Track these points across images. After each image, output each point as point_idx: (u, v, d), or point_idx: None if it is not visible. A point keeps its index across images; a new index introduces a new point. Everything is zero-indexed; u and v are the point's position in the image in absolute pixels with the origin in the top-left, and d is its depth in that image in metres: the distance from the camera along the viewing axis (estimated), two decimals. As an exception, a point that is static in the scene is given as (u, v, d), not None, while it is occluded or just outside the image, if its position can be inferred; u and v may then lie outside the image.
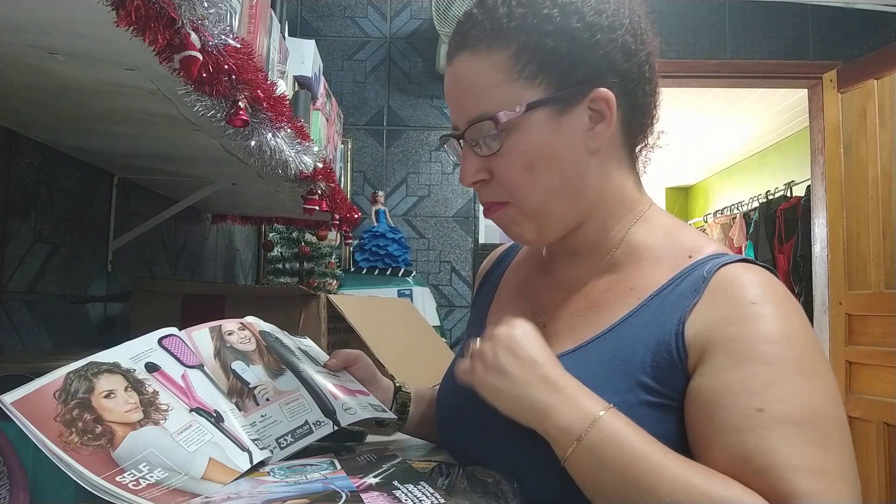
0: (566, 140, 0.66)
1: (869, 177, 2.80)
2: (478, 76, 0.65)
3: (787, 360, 0.57)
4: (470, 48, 0.66)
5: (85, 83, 0.81)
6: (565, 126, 0.65)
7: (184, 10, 0.60)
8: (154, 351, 0.69)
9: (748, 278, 0.62)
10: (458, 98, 0.68)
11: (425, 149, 3.07)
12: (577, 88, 0.65)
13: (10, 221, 1.07)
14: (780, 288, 0.62)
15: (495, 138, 0.65)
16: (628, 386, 0.61)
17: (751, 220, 4.60)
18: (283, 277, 2.43)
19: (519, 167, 0.66)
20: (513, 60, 0.64)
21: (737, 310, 0.60)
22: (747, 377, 0.56)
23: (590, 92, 0.65)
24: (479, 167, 0.68)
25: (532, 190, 0.67)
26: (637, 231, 0.71)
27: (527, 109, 0.64)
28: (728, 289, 0.61)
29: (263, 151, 0.91)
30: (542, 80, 0.64)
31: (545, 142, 0.65)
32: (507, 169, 0.66)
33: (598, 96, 0.65)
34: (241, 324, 0.84)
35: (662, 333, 0.61)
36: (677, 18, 3.10)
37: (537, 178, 0.66)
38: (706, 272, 0.63)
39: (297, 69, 1.39)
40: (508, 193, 0.68)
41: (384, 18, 3.12)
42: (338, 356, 0.88)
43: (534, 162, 0.66)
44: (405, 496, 0.56)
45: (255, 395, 0.74)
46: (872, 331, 2.77)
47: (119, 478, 0.53)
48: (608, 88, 0.65)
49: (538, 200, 0.67)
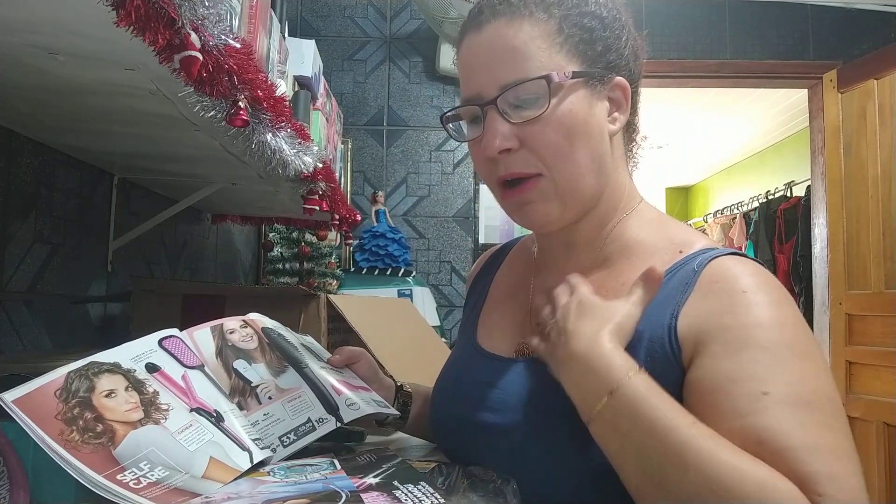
0: (597, 119, 0.68)
1: (869, 177, 2.80)
2: (519, 41, 0.65)
3: (783, 345, 0.57)
4: (509, 15, 0.66)
5: (85, 83, 0.81)
6: (597, 105, 0.68)
7: (184, 10, 0.60)
8: (154, 352, 0.69)
9: (738, 269, 0.62)
10: (491, 63, 0.66)
11: (425, 149, 3.07)
12: (606, 71, 0.68)
13: (10, 221, 1.08)
14: (770, 277, 0.63)
15: (537, 102, 0.64)
16: None
17: (751, 221, 4.60)
18: (283, 277, 2.43)
19: (559, 134, 0.65)
20: (557, 31, 0.66)
21: (729, 299, 0.60)
22: (747, 363, 0.56)
23: (613, 79, 0.69)
24: (508, 133, 0.65)
25: (569, 159, 0.66)
26: (628, 224, 0.72)
27: (573, 77, 0.66)
28: (719, 280, 0.62)
29: (263, 151, 0.91)
30: (581, 55, 0.67)
31: (584, 114, 0.66)
32: (547, 134, 0.65)
33: (619, 84, 0.69)
34: (244, 321, 0.84)
35: (655, 328, 0.62)
36: (677, 18, 3.10)
37: (574, 148, 0.66)
38: (697, 266, 0.64)
39: (297, 69, 1.39)
40: (543, 162, 0.66)
41: (384, 18, 3.12)
42: (341, 353, 0.88)
43: (573, 130, 0.66)
44: (405, 496, 0.56)
45: (258, 394, 0.74)
46: (872, 331, 2.76)
47: (120, 476, 0.53)
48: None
49: (572, 171, 0.67)
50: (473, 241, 3.04)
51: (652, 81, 3.04)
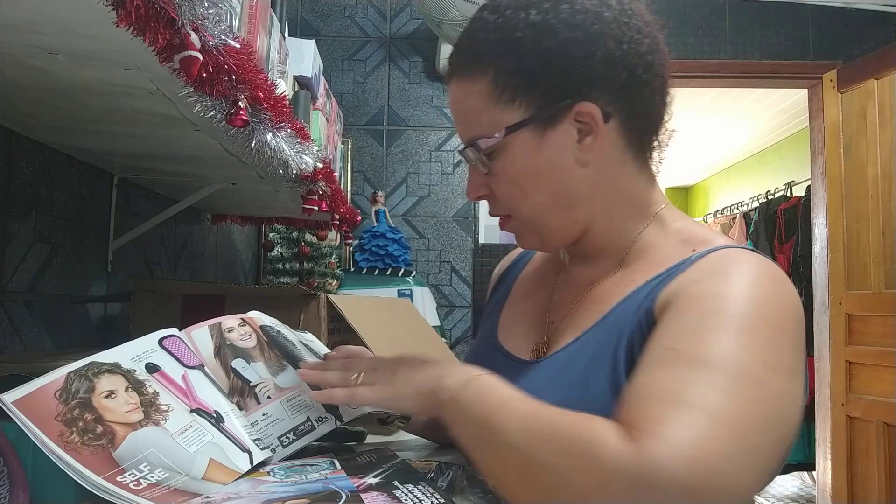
0: (552, 156, 0.67)
1: (869, 177, 2.80)
2: (465, 102, 0.70)
3: (725, 315, 0.55)
4: (458, 75, 0.70)
5: (85, 83, 0.81)
6: (551, 143, 0.67)
7: (184, 10, 0.60)
8: (154, 352, 0.69)
9: (739, 256, 0.61)
10: (456, 121, 0.73)
11: (425, 149, 3.07)
12: (557, 107, 0.66)
13: (10, 221, 1.07)
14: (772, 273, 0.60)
15: (483, 161, 0.69)
16: (616, 369, 0.61)
17: (751, 220, 4.59)
18: (283, 277, 2.43)
19: (508, 185, 0.70)
20: (492, 86, 0.66)
21: (708, 275, 0.60)
22: (680, 324, 0.57)
23: (573, 108, 0.66)
24: (479, 184, 0.72)
25: (524, 205, 0.70)
26: (649, 232, 0.72)
27: (506, 133, 0.66)
28: (711, 262, 0.62)
29: (263, 151, 0.91)
30: (521, 102, 0.66)
31: (529, 161, 0.67)
32: (499, 187, 0.71)
33: (582, 110, 0.66)
34: (242, 319, 0.83)
35: (641, 311, 0.63)
36: (677, 18, 3.10)
37: (526, 195, 0.69)
38: (697, 255, 0.64)
39: (297, 69, 1.39)
40: (506, 208, 0.72)
41: (384, 18, 3.12)
42: (339, 352, 0.88)
43: (521, 180, 0.69)
44: (405, 496, 0.56)
45: (257, 394, 0.74)
46: (872, 331, 2.76)
47: (120, 478, 0.53)
48: (593, 101, 0.65)
49: (531, 213, 0.71)
50: (473, 241, 3.03)
51: (652, 81, 3.03)
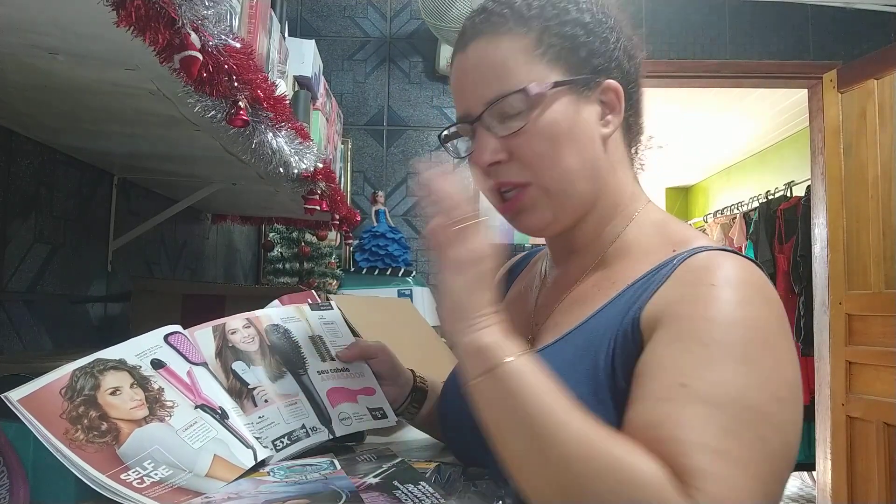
0: (585, 125, 0.69)
1: (869, 177, 2.80)
2: (501, 57, 0.68)
3: (724, 345, 0.56)
4: (489, 34, 0.69)
5: (85, 83, 0.81)
6: (584, 111, 0.69)
7: (184, 10, 0.60)
8: (160, 348, 0.69)
9: (717, 263, 0.61)
10: (476, 81, 0.70)
11: (425, 149, 3.07)
12: (593, 76, 0.69)
13: (10, 221, 1.08)
14: (753, 276, 0.61)
15: (520, 115, 0.67)
16: (597, 374, 0.61)
17: (751, 220, 4.59)
18: (283, 277, 2.43)
19: (543, 142, 0.68)
20: (536, 44, 0.68)
21: (693, 290, 0.60)
22: (680, 354, 0.56)
23: (602, 82, 0.69)
24: (496, 147, 0.69)
25: (555, 166, 0.68)
26: (630, 231, 0.72)
27: (553, 87, 0.67)
28: (693, 271, 0.62)
29: (263, 151, 0.91)
30: (563, 64, 0.68)
31: (569, 120, 0.68)
32: (531, 144, 0.68)
33: (609, 87, 0.69)
34: (247, 320, 0.82)
35: (625, 320, 0.62)
36: (677, 18, 3.10)
37: (560, 155, 0.68)
38: (678, 259, 0.64)
39: (297, 69, 1.39)
40: (531, 171, 0.69)
41: (384, 18, 3.12)
42: (353, 348, 0.86)
43: (557, 138, 0.68)
44: (405, 496, 0.56)
45: (254, 397, 0.74)
46: (872, 331, 2.76)
47: (123, 476, 0.53)
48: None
49: (559, 177, 0.69)
50: (473, 241, 3.03)
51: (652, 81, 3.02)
